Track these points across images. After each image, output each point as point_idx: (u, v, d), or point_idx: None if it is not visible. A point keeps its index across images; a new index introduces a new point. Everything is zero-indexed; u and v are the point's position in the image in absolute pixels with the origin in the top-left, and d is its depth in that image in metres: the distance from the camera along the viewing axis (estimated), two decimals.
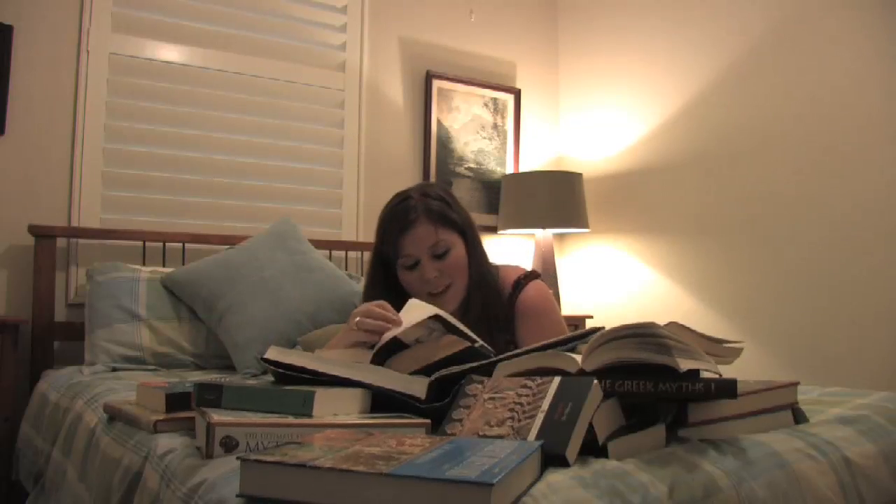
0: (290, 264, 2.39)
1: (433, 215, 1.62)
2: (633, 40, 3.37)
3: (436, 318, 1.26)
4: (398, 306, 1.41)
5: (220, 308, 2.25)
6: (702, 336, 1.10)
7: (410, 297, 1.56)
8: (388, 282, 1.68)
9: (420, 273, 1.61)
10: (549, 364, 1.07)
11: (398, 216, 1.63)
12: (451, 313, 1.62)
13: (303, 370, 1.15)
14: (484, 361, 1.16)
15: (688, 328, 1.08)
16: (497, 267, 1.76)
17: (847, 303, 2.54)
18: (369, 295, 1.67)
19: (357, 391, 1.10)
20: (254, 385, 1.14)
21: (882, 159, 2.48)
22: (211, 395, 1.08)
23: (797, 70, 2.73)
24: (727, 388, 0.98)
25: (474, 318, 1.62)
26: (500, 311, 1.67)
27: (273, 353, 1.19)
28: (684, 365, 0.95)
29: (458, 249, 1.64)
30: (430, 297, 1.59)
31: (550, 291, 1.76)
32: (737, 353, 1.16)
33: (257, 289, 2.28)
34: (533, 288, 1.70)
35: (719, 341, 1.13)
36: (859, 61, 2.55)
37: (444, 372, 1.14)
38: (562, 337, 1.18)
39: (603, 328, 1.05)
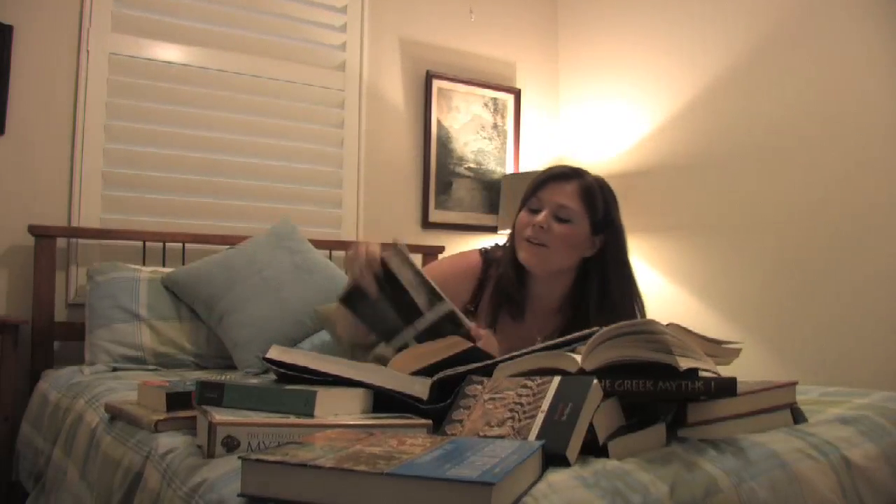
0: (290, 264, 2.39)
1: (584, 189, 1.65)
2: (633, 40, 3.37)
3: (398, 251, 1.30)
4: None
5: (220, 308, 2.25)
6: (700, 337, 1.10)
7: (515, 240, 1.67)
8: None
9: (534, 219, 1.64)
10: (549, 364, 1.07)
11: (558, 169, 1.71)
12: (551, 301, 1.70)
13: (305, 370, 1.15)
14: (486, 362, 1.16)
15: (686, 329, 1.09)
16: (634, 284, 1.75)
17: (848, 303, 2.54)
18: (506, 247, 1.74)
19: (359, 391, 1.10)
20: (255, 384, 1.14)
21: (885, 159, 2.48)
22: (212, 394, 1.08)
23: (800, 69, 2.73)
24: (727, 387, 0.98)
25: (578, 315, 1.66)
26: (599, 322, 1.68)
27: (275, 353, 1.19)
28: (684, 364, 0.95)
29: (579, 231, 1.64)
30: (524, 244, 1.64)
31: None
32: (735, 353, 1.16)
33: (258, 289, 2.28)
34: None
35: (718, 342, 1.13)
36: (866, 61, 2.54)
37: (446, 373, 1.14)
38: (562, 339, 1.18)
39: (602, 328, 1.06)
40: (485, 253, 1.78)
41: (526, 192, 1.71)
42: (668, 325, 1.05)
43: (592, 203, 1.65)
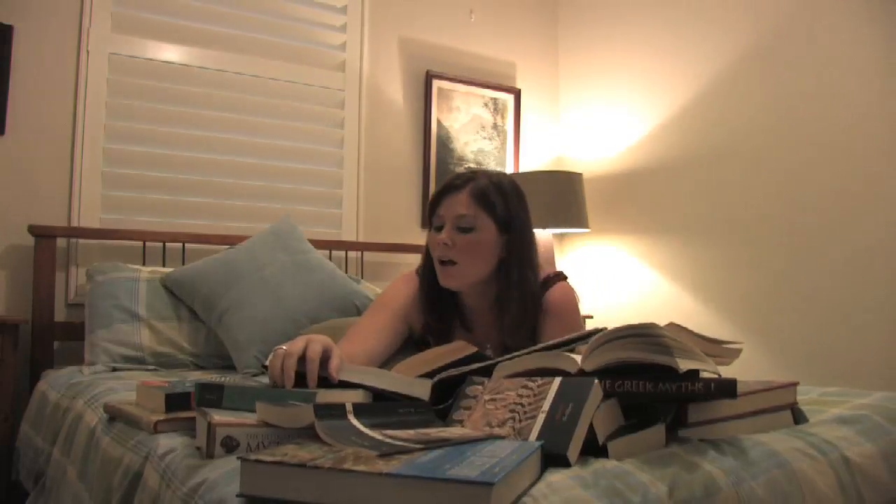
0: (289, 264, 2.39)
1: (477, 192, 1.60)
2: (633, 40, 3.37)
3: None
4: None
5: (220, 307, 2.25)
6: (700, 337, 1.10)
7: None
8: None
9: (439, 236, 1.61)
10: (549, 365, 1.07)
11: (453, 179, 1.66)
12: (459, 297, 1.67)
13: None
14: (487, 363, 1.16)
15: (686, 329, 1.09)
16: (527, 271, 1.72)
17: (847, 303, 2.54)
18: (423, 270, 1.70)
19: (358, 392, 1.10)
20: (255, 385, 1.14)
21: (883, 160, 2.48)
22: (212, 395, 1.08)
23: (796, 71, 2.73)
24: (727, 388, 0.98)
25: (512, 322, 1.61)
26: (535, 317, 1.64)
27: None
28: (684, 365, 0.95)
29: (485, 236, 1.59)
30: (438, 266, 1.62)
31: (576, 294, 1.74)
32: (735, 354, 1.16)
33: (257, 288, 2.28)
34: (560, 288, 1.68)
35: (718, 342, 1.13)
36: (862, 63, 2.55)
37: (449, 373, 1.14)
38: (562, 339, 1.18)
39: (605, 329, 1.05)
40: (421, 273, 1.73)
41: (428, 210, 1.68)
42: (667, 324, 1.05)
43: (488, 203, 1.59)
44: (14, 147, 2.46)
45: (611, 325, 1.31)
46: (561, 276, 1.72)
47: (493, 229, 1.60)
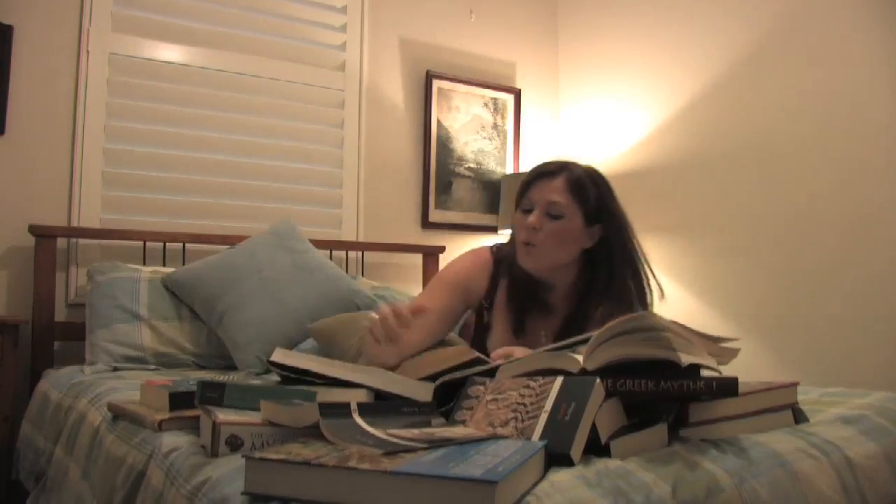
0: (290, 264, 2.39)
1: (571, 182, 1.64)
2: (633, 40, 3.37)
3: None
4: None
5: (220, 308, 2.25)
6: (700, 334, 1.11)
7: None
8: None
9: (526, 218, 1.63)
10: (551, 365, 1.08)
11: (545, 165, 1.68)
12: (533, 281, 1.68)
13: (308, 373, 1.15)
14: (489, 366, 1.16)
15: (686, 327, 1.09)
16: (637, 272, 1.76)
17: (848, 303, 2.55)
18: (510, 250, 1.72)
19: (359, 392, 1.10)
20: (255, 384, 1.14)
21: (884, 159, 2.49)
22: (213, 394, 1.08)
23: (799, 69, 2.73)
24: (728, 387, 0.98)
25: (580, 305, 1.67)
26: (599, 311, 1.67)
27: (279, 356, 1.20)
28: (686, 359, 0.95)
29: (572, 225, 1.63)
30: (520, 247, 1.64)
31: None
32: (734, 353, 1.16)
33: (257, 289, 2.28)
34: None
35: (717, 339, 1.14)
36: (865, 61, 2.55)
37: (452, 376, 1.14)
38: (563, 342, 1.17)
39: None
40: (495, 250, 1.78)
41: (517, 192, 1.71)
42: (668, 320, 1.06)
43: (582, 194, 1.64)
44: (14, 147, 2.46)
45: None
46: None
47: (581, 219, 1.64)
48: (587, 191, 1.65)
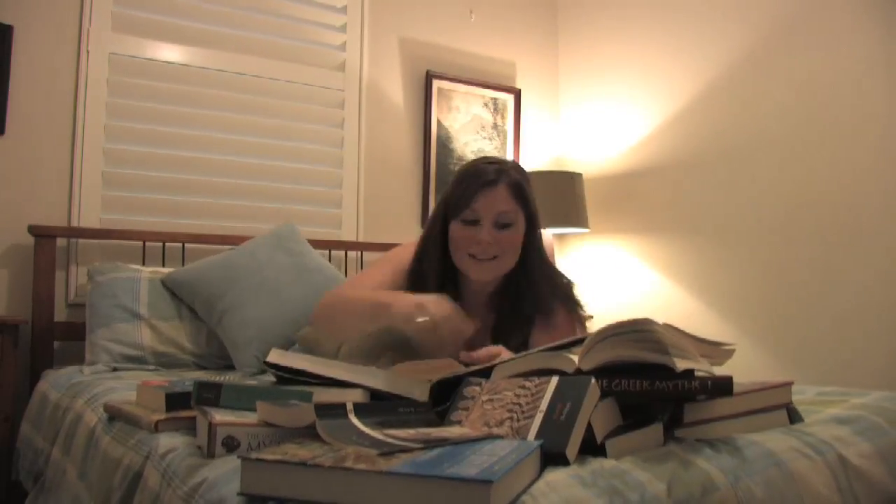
0: (289, 265, 2.39)
1: (514, 186, 1.61)
2: (633, 40, 3.37)
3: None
4: (444, 271, 1.62)
5: (220, 308, 2.26)
6: (694, 338, 1.10)
7: (452, 251, 1.61)
8: (443, 238, 1.66)
9: (474, 233, 1.58)
10: (546, 365, 1.08)
11: (483, 172, 1.61)
12: (482, 286, 1.66)
13: (304, 373, 1.16)
14: (485, 365, 1.16)
15: (681, 330, 1.08)
16: (552, 267, 1.75)
17: (846, 303, 2.55)
18: (425, 248, 1.68)
19: (355, 392, 1.10)
20: (251, 384, 1.14)
21: (883, 159, 2.49)
22: (209, 394, 1.08)
23: (798, 70, 2.73)
24: (723, 386, 0.99)
25: (511, 308, 1.65)
26: (533, 311, 1.66)
27: (275, 357, 1.20)
28: (681, 364, 0.95)
29: (519, 230, 1.62)
30: (472, 261, 1.60)
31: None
32: (728, 355, 1.16)
33: (257, 289, 2.28)
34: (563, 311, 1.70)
35: (712, 343, 1.13)
36: (864, 61, 2.55)
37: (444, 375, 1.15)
38: (560, 342, 1.17)
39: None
40: (419, 263, 1.72)
41: (452, 198, 1.62)
42: (662, 324, 1.06)
43: (524, 198, 1.62)
44: (14, 147, 2.46)
45: None
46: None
47: (524, 222, 1.63)
48: (527, 193, 1.63)
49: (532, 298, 1.65)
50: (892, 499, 1.15)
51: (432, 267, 1.66)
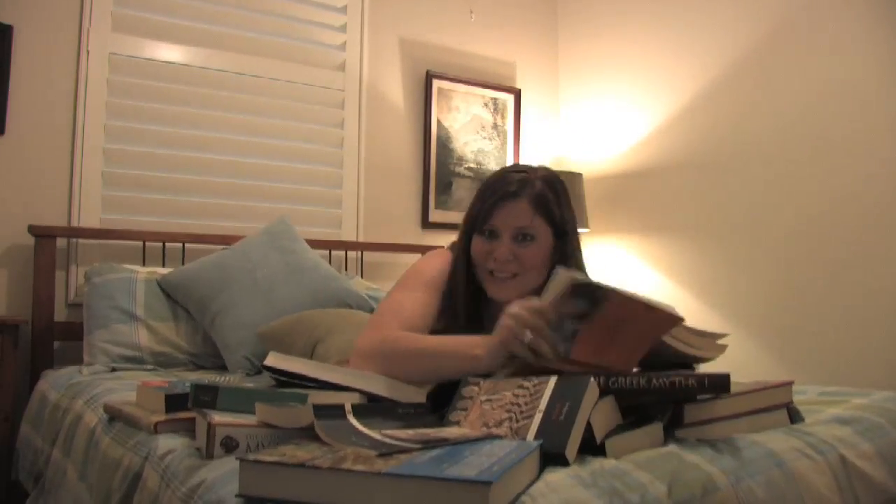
0: (282, 265, 2.38)
1: (536, 199, 1.48)
2: (633, 40, 3.37)
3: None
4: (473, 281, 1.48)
5: (213, 309, 2.25)
6: (689, 329, 1.11)
7: (475, 267, 1.50)
8: (467, 254, 1.54)
9: (493, 248, 1.47)
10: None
11: (503, 183, 1.51)
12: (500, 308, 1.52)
13: (302, 377, 1.15)
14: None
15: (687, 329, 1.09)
16: None
17: (847, 302, 2.54)
18: (454, 265, 1.55)
19: (352, 395, 1.10)
20: (248, 387, 1.14)
21: (885, 159, 2.48)
22: (206, 397, 1.08)
23: (799, 69, 2.73)
24: (721, 383, 0.98)
25: None
26: None
27: (273, 360, 1.20)
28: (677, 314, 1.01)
29: (543, 245, 1.49)
30: (489, 278, 1.49)
31: None
32: (721, 349, 1.16)
33: (249, 290, 2.28)
34: None
35: (705, 334, 1.14)
36: (866, 60, 2.54)
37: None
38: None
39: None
40: (455, 277, 1.59)
41: (473, 210, 1.53)
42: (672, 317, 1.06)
43: (549, 211, 1.49)
44: (14, 147, 2.46)
45: None
46: None
47: (550, 235, 1.50)
48: (552, 206, 1.50)
49: None
50: (893, 499, 1.14)
51: (460, 288, 1.53)
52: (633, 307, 1.02)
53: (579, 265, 1.54)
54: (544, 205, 1.48)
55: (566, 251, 1.52)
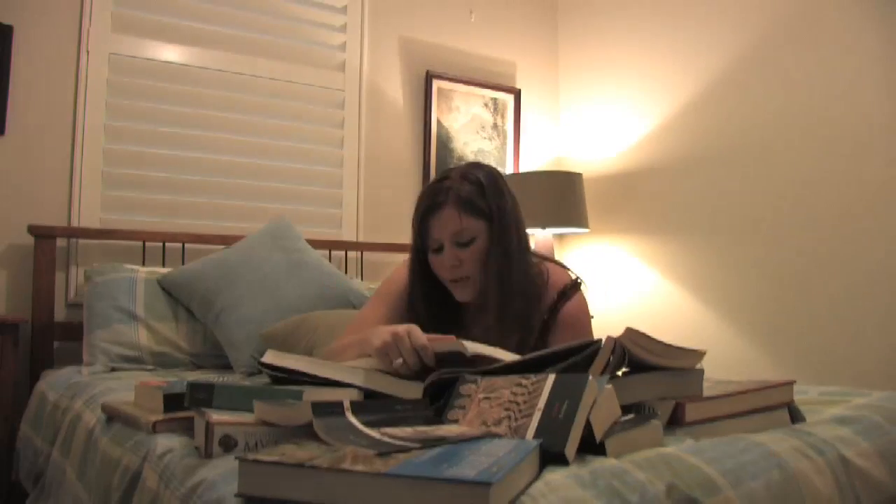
0: (285, 263, 2.39)
1: (461, 201, 1.50)
2: (633, 40, 3.37)
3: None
4: (435, 293, 1.56)
5: (216, 307, 2.25)
6: (659, 343, 1.07)
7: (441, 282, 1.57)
8: (424, 268, 1.60)
9: (442, 260, 1.53)
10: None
11: (427, 197, 1.56)
12: (467, 306, 1.60)
13: (298, 373, 1.15)
14: (486, 368, 1.15)
15: (645, 335, 1.05)
16: (545, 265, 1.63)
17: (848, 303, 2.54)
18: (411, 281, 1.62)
19: (349, 391, 1.10)
20: (243, 384, 1.14)
21: (881, 159, 2.48)
22: (202, 395, 1.08)
23: (796, 70, 2.73)
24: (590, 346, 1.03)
25: (495, 320, 1.51)
26: (535, 315, 1.55)
27: (270, 357, 1.19)
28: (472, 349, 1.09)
29: (484, 238, 1.52)
30: (452, 285, 1.55)
31: (588, 305, 1.67)
32: (699, 357, 1.12)
33: (253, 288, 2.28)
34: (576, 301, 1.60)
35: (678, 349, 1.09)
36: (862, 62, 2.55)
37: (437, 376, 1.14)
38: (557, 347, 1.14)
39: (604, 338, 1.04)
40: (413, 292, 1.66)
41: (415, 232, 1.60)
42: (625, 329, 1.03)
43: (476, 207, 1.51)
44: (14, 147, 2.46)
45: (611, 326, 1.30)
46: (577, 286, 1.62)
47: (487, 228, 1.53)
48: (478, 202, 1.51)
49: (494, 299, 1.52)
50: (894, 499, 1.14)
51: (420, 301, 1.60)
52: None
53: (505, 253, 1.52)
54: (469, 203, 1.51)
55: (501, 243, 1.52)
